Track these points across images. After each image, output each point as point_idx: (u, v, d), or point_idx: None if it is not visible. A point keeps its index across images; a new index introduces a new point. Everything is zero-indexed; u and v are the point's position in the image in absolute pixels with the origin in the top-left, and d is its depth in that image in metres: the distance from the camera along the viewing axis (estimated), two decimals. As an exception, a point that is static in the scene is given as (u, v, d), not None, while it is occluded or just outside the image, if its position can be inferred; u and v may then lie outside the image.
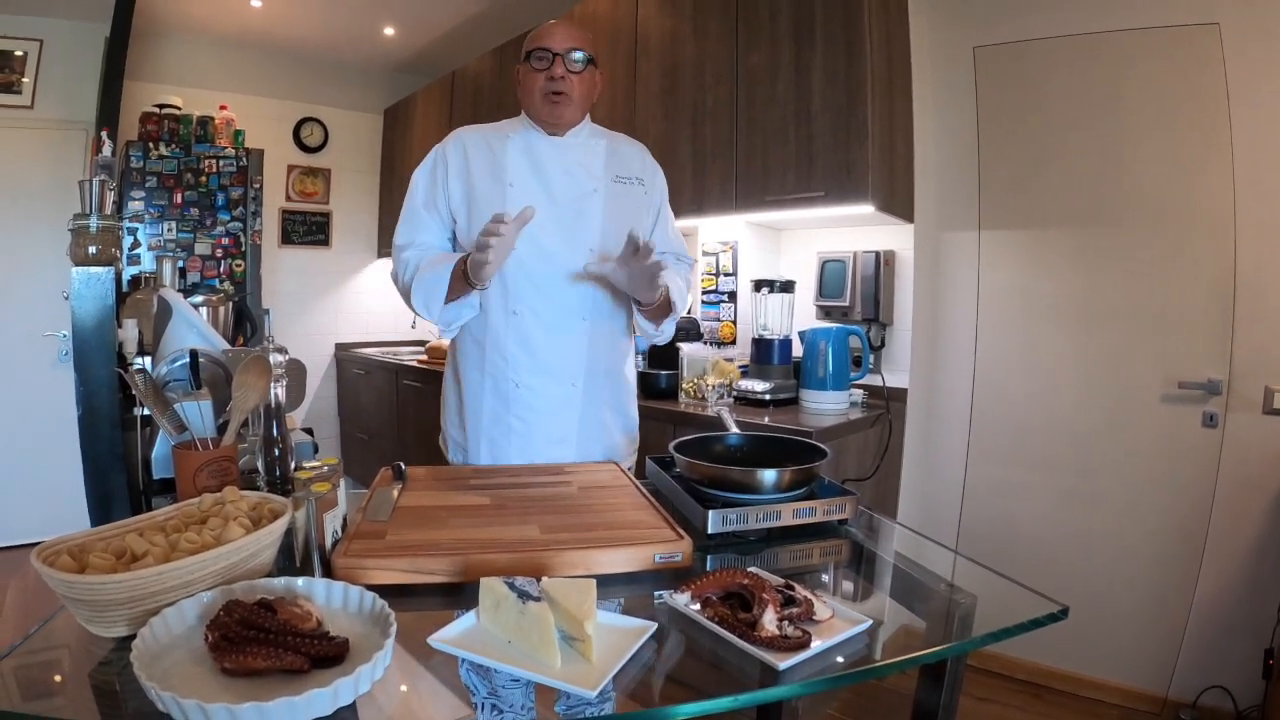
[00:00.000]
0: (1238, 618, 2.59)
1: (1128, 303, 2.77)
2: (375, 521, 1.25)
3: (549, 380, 1.82)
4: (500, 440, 1.84)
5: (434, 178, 1.87)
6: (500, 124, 1.93)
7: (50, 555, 0.91)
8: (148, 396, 1.39)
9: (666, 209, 2.03)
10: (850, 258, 3.01)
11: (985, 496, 3.12)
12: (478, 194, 1.81)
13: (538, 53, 1.78)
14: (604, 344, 1.88)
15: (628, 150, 1.96)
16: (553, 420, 1.83)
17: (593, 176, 1.85)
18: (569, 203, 1.82)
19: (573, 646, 0.91)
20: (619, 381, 1.96)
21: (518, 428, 1.83)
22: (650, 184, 1.96)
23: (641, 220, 1.93)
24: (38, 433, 4.33)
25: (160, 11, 4.54)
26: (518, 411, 1.82)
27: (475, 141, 1.87)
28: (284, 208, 5.52)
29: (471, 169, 1.83)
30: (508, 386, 1.82)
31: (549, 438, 1.83)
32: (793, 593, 1.01)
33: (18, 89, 4.34)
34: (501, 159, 1.82)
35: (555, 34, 1.79)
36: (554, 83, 1.77)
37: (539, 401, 1.82)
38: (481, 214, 1.75)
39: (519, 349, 1.80)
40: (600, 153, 1.88)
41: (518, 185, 1.80)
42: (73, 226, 2.10)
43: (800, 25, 2.77)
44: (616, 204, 1.86)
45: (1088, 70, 2.80)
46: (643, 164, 1.97)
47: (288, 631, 0.82)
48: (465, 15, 4.83)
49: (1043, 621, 1.06)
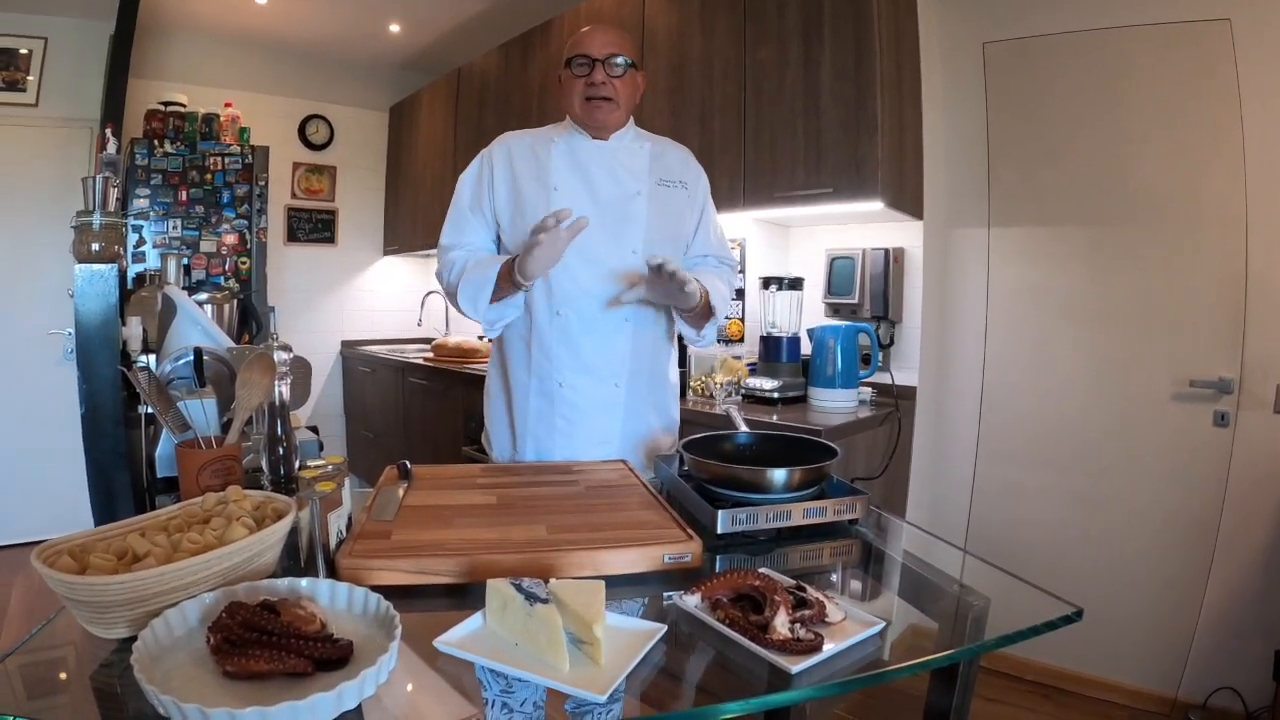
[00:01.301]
0: (1248, 618, 2.57)
1: (1138, 300, 2.75)
2: (380, 521, 1.24)
3: (592, 380, 1.84)
4: (545, 439, 1.86)
5: (480, 182, 1.89)
6: (545, 129, 1.95)
7: (51, 556, 0.90)
8: (151, 394, 1.38)
9: (710, 212, 2.03)
10: (859, 255, 2.99)
11: (994, 495, 3.10)
12: (523, 198, 1.83)
13: (578, 59, 1.80)
14: (648, 346, 1.91)
15: (672, 153, 1.98)
16: (597, 420, 1.86)
17: (637, 179, 1.87)
18: (613, 205, 1.84)
19: (581, 649, 0.90)
20: (663, 383, 1.99)
21: (562, 427, 1.85)
22: (694, 187, 1.98)
23: (685, 222, 1.96)
24: (42, 430, 4.33)
25: (165, 9, 4.54)
26: (562, 411, 1.84)
27: (520, 147, 1.89)
28: (289, 205, 5.52)
29: (517, 173, 1.85)
30: (552, 386, 1.84)
31: (592, 438, 1.85)
32: (804, 594, 1.00)
33: (22, 86, 4.34)
34: (546, 163, 1.84)
35: (594, 40, 1.80)
36: (594, 88, 1.79)
37: (583, 401, 1.84)
38: (527, 218, 1.78)
39: (563, 349, 1.82)
40: (644, 156, 1.90)
41: (562, 189, 1.82)
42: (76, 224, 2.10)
43: (809, 21, 2.76)
44: (660, 206, 1.88)
45: (1098, 66, 2.78)
46: (686, 167, 1.99)
47: (291, 634, 0.81)
48: (471, 12, 4.81)
49: (1057, 624, 1.04)
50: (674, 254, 1.91)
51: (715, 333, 1.95)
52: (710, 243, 2.03)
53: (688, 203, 1.96)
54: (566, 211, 1.57)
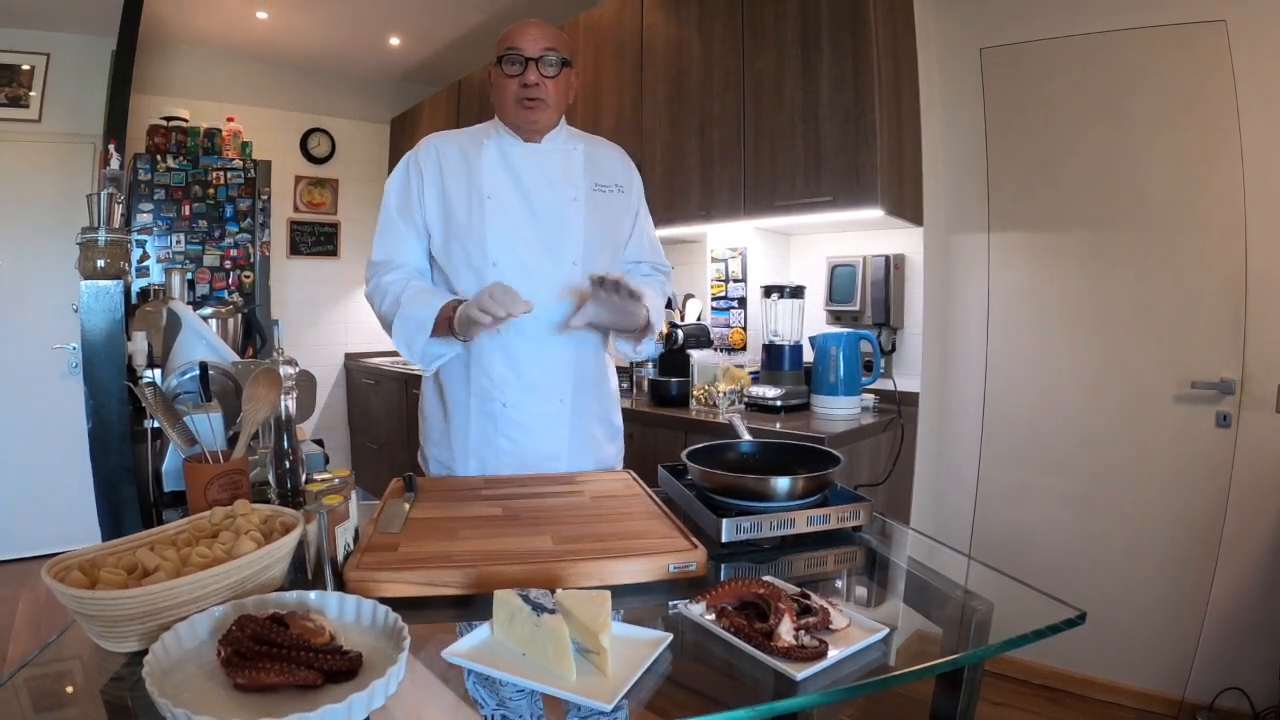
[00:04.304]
0: (1254, 619, 2.57)
1: (1139, 303, 2.75)
2: (387, 534, 1.25)
3: (536, 398, 1.77)
4: (490, 459, 1.79)
5: (408, 188, 1.81)
6: (474, 129, 1.87)
7: (61, 570, 0.90)
8: (157, 409, 1.39)
9: (643, 215, 1.97)
10: (860, 262, 3.00)
11: (998, 500, 3.10)
12: (455, 207, 1.76)
13: (510, 56, 1.71)
14: (589, 357, 1.86)
15: (606, 154, 1.91)
16: (543, 438, 1.79)
17: (572, 184, 1.79)
18: (549, 214, 1.76)
19: (588, 659, 0.90)
20: (605, 393, 1.93)
21: (507, 447, 1.78)
22: (629, 189, 1.91)
23: (622, 228, 1.90)
24: (49, 445, 4.35)
25: (166, 24, 4.57)
26: (506, 431, 1.77)
27: (449, 150, 1.80)
28: (292, 218, 5.54)
29: (446, 180, 1.78)
30: (495, 406, 1.77)
31: (540, 454, 1.78)
32: (809, 601, 1.00)
33: (25, 103, 4.36)
34: (478, 170, 1.76)
35: (527, 35, 1.71)
36: (528, 89, 1.71)
37: (528, 420, 1.77)
38: (459, 228, 1.73)
39: (505, 368, 1.75)
40: (578, 159, 1.83)
41: (496, 198, 1.74)
42: (81, 240, 2.11)
43: (806, 30, 2.77)
44: (597, 213, 1.81)
45: (1094, 70, 2.79)
46: (621, 169, 1.92)
47: (300, 646, 0.82)
48: (470, 25, 4.84)
49: (1060, 627, 1.05)
50: (611, 262, 1.86)
51: (652, 345, 1.86)
52: (643, 248, 1.96)
53: (624, 207, 1.90)
54: (521, 306, 1.51)
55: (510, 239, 1.72)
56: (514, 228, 1.73)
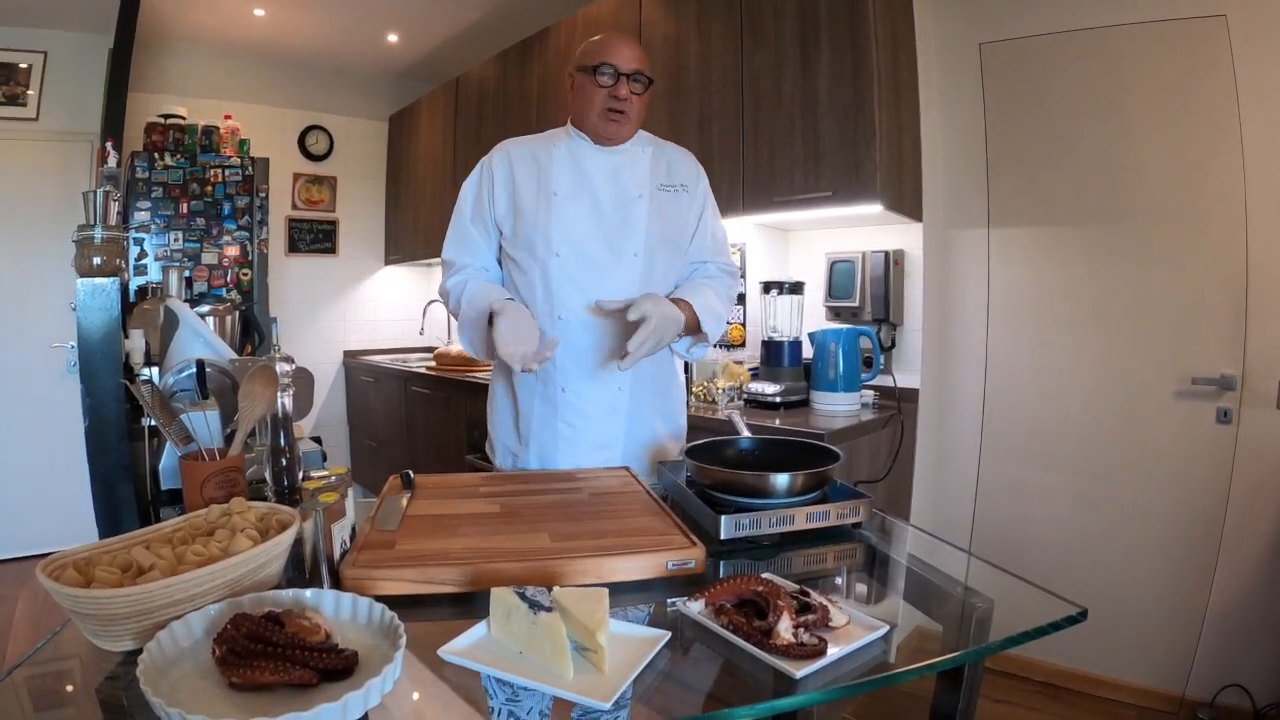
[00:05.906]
0: (1255, 615, 2.56)
1: (1139, 298, 2.75)
2: (384, 531, 1.24)
3: (595, 385, 1.84)
4: (549, 444, 1.87)
5: (480, 190, 1.89)
6: (546, 134, 1.94)
7: (56, 569, 0.90)
8: (155, 407, 1.38)
9: (709, 215, 2.01)
10: (859, 258, 2.99)
11: (998, 496, 3.10)
12: (524, 204, 1.83)
13: (604, 67, 1.76)
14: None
15: (674, 157, 1.97)
16: (600, 425, 1.86)
17: (638, 184, 1.86)
18: (613, 209, 1.84)
19: (585, 657, 0.90)
20: (668, 389, 2.00)
21: (565, 432, 1.85)
22: (694, 188, 1.97)
23: (686, 225, 1.95)
24: (46, 444, 4.35)
25: (163, 22, 4.56)
26: (566, 416, 1.85)
27: (521, 153, 1.89)
28: (290, 216, 5.53)
29: (517, 178, 1.85)
30: (555, 390, 1.85)
31: (596, 442, 1.86)
32: (808, 599, 1.00)
33: (22, 101, 4.36)
34: (548, 168, 1.84)
35: (623, 52, 1.78)
36: (617, 102, 1.77)
37: (586, 405, 1.84)
38: (528, 222, 1.81)
39: (565, 355, 1.81)
40: (645, 160, 1.89)
41: (562, 194, 1.82)
42: (77, 238, 2.10)
43: (805, 26, 2.76)
44: (661, 210, 1.87)
45: (1094, 65, 2.78)
46: (688, 169, 1.98)
47: (296, 645, 0.81)
48: (468, 21, 4.83)
49: (1061, 624, 1.04)
50: (674, 258, 1.92)
51: (705, 351, 1.94)
52: (707, 247, 2.00)
53: (688, 205, 1.95)
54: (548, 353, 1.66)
55: (573, 230, 1.80)
56: (577, 219, 1.81)
